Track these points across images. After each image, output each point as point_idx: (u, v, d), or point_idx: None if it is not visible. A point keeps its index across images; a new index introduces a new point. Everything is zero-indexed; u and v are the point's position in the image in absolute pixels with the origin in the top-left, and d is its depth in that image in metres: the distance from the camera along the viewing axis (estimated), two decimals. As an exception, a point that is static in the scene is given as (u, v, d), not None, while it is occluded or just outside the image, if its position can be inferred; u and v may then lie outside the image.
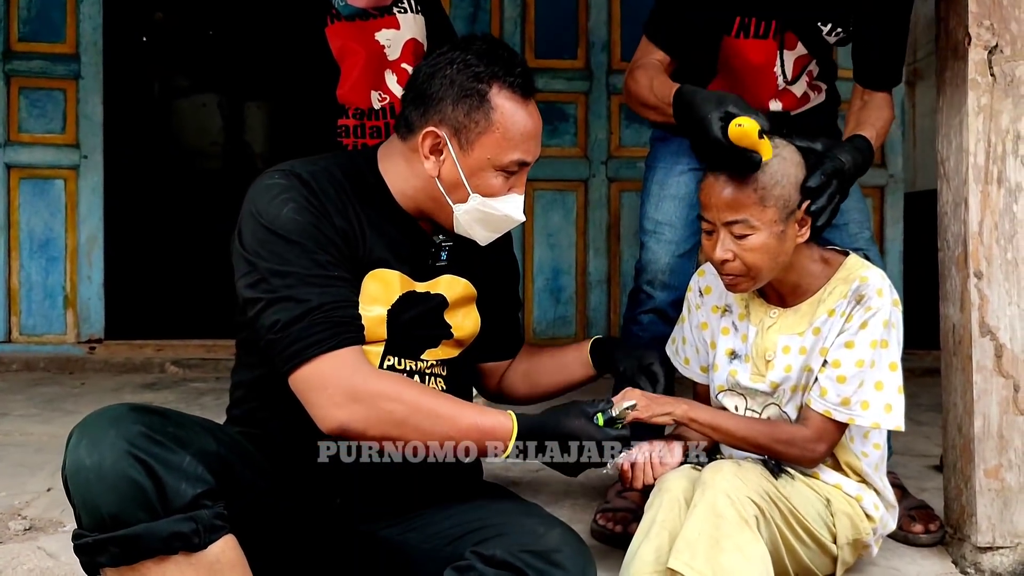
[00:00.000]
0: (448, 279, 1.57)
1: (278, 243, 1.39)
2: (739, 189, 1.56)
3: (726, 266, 1.60)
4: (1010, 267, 1.81)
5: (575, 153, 4.54)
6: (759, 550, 1.46)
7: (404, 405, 1.35)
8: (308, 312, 1.36)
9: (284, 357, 1.37)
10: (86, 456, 1.24)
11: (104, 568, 1.26)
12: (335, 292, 1.39)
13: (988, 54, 1.81)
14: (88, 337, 4.30)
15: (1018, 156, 1.82)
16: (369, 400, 1.35)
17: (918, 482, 2.44)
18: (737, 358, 1.74)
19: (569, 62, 4.54)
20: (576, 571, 1.35)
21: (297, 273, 1.38)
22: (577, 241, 4.53)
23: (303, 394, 1.38)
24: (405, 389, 1.38)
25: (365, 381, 1.36)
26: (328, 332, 1.36)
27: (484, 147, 1.47)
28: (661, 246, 2.14)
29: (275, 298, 1.38)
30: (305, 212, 1.42)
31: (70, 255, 4.30)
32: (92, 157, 4.30)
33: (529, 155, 1.50)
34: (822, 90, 2.19)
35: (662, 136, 2.25)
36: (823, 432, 1.62)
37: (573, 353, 1.75)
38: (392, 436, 1.36)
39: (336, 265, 1.42)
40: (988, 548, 1.80)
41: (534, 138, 1.51)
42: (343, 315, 1.39)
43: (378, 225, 1.50)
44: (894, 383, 1.61)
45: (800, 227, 1.62)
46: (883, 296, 1.62)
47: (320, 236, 1.41)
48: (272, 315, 1.38)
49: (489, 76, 1.47)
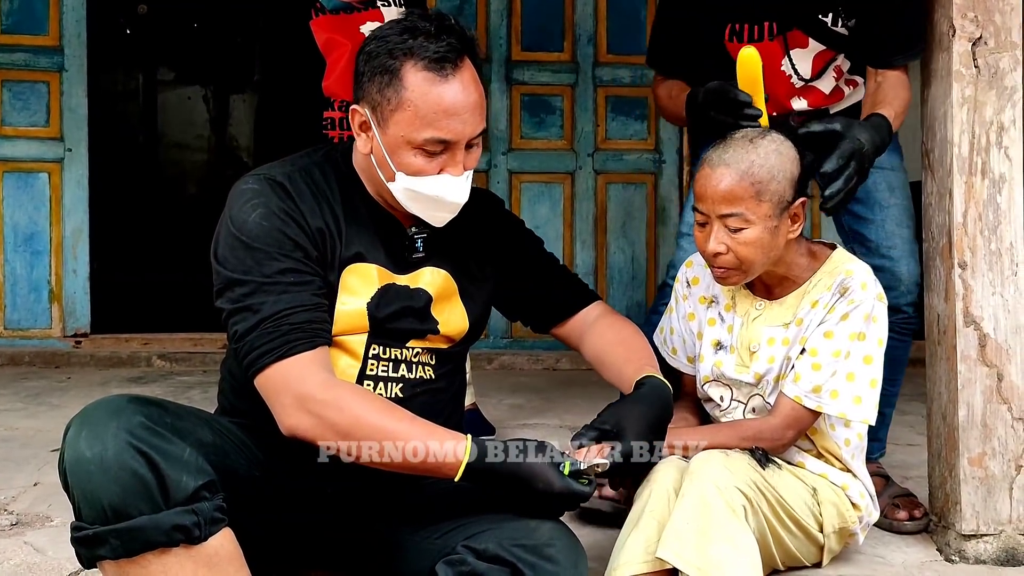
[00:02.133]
0: (430, 272, 1.56)
1: (241, 250, 1.41)
2: (736, 182, 1.57)
3: (719, 259, 1.61)
4: (994, 257, 1.83)
5: (561, 145, 4.54)
6: (747, 540, 1.47)
7: (348, 417, 1.35)
8: (260, 322, 1.38)
9: (244, 366, 1.40)
10: (87, 448, 1.23)
11: (103, 561, 1.26)
12: (290, 299, 1.39)
13: (972, 46, 1.82)
14: (74, 331, 4.28)
15: (1002, 147, 1.83)
16: (315, 410, 1.35)
17: (902, 471, 2.46)
18: (722, 349, 1.75)
19: (555, 55, 4.54)
20: (568, 564, 1.35)
21: (255, 281, 1.40)
22: (564, 233, 4.54)
23: (265, 400, 1.40)
24: (352, 402, 1.37)
25: (312, 390, 1.36)
26: (279, 340, 1.37)
27: (398, 124, 1.42)
28: (694, 247, 2.14)
29: (235, 308, 1.40)
30: (272, 217, 1.42)
31: (55, 249, 4.28)
32: (77, 150, 4.27)
33: (448, 133, 1.42)
34: (859, 84, 2.12)
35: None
36: (791, 419, 1.63)
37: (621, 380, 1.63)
38: (344, 448, 1.36)
39: (298, 271, 1.42)
40: (972, 536, 1.82)
41: (454, 116, 1.41)
42: (297, 320, 1.39)
43: (355, 220, 1.50)
44: (867, 376, 1.62)
45: (792, 223, 1.63)
46: (867, 290, 1.63)
47: (284, 241, 1.41)
48: (232, 325, 1.41)
49: (402, 52, 1.42)
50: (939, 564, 1.82)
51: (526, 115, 4.54)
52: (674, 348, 1.86)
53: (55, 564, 1.71)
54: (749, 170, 1.57)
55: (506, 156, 4.51)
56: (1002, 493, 1.83)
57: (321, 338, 1.41)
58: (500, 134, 4.51)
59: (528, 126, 4.54)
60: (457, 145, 1.44)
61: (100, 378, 3.80)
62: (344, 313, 1.47)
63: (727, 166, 1.58)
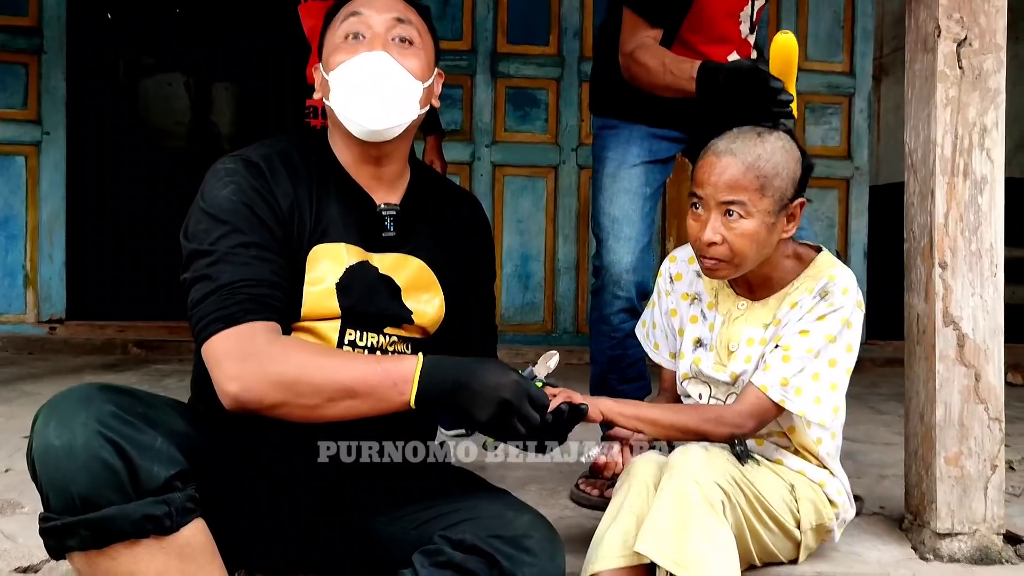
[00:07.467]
0: (400, 258, 1.53)
1: (209, 223, 1.40)
2: (742, 173, 1.56)
3: (712, 249, 1.60)
4: (974, 258, 1.84)
5: (546, 139, 4.54)
6: (725, 535, 1.47)
7: (293, 365, 1.31)
8: (216, 289, 1.35)
9: (194, 334, 1.37)
10: (55, 437, 1.21)
11: (72, 552, 1.23)
12: (252, 271, 1.37)
13: (957, 47, 1.83)
14: (49, 317, 4.23)
15: (984, 149, 1.84)
16: (257, 367, 1.30)
17: (878, 469, 2.48)
18: (702, 346, 1.74)
19: (541, 48, 4.53)
20: (545, 556, 1.35)
21: (218, 251, 1.38)
22: (546, 227, 4.54)
23: (209, 371, 1.35)
24: (295, 350, 1.34)
25: (256, 351, 1.32)
26: (233, 308, 1.34)
27: (327, 41, 1.52)
28: (621, 244, 2.14)
29: (195, 277, 1.38)
30: (242, 194, 1.41)
31: (31, 234, 4.23)
32: (54, 133, 4.22)
33: (359, 18, 1.49)
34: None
35: (611, 125, 2.23)
36: (755, 408, 1.61)
37: None
38: (291, 402, 1.31)
39: (263, 247, 1.40)
40: (947, 534, 1.84)
41: (365, 3, 1.50)
42: (252, 292, 1.36)
43: (327, 198, 1.50)
44: (829, 378, 1.61)
45: (788, 222, 1.63)
46: (847, 295, 1.63)
47: (253, 218, 1.40)
48: (191, 294, 1.38)
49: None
50: (913, 562, 1.83)
51: (511, 108, 4.53)
52: (656, 343, 1.85)
53: (26, 551, 1.69)
54: (756, 163, 1.57)
55: (490, 148, 4.50)
56: (977, 492, 1.84)
57: (276, 314, 1.38)
58: (484, 126, 4.50)
59: (512, 119, 4.53)
60: (373, 29, 1.48)
61: (75, 365, 3.76)
62: (313, 295, 1.45)
63: (734, 156, 1.58)
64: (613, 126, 2.21)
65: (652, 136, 2.19)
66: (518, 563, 1.32)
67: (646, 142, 2.18)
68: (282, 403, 1.31)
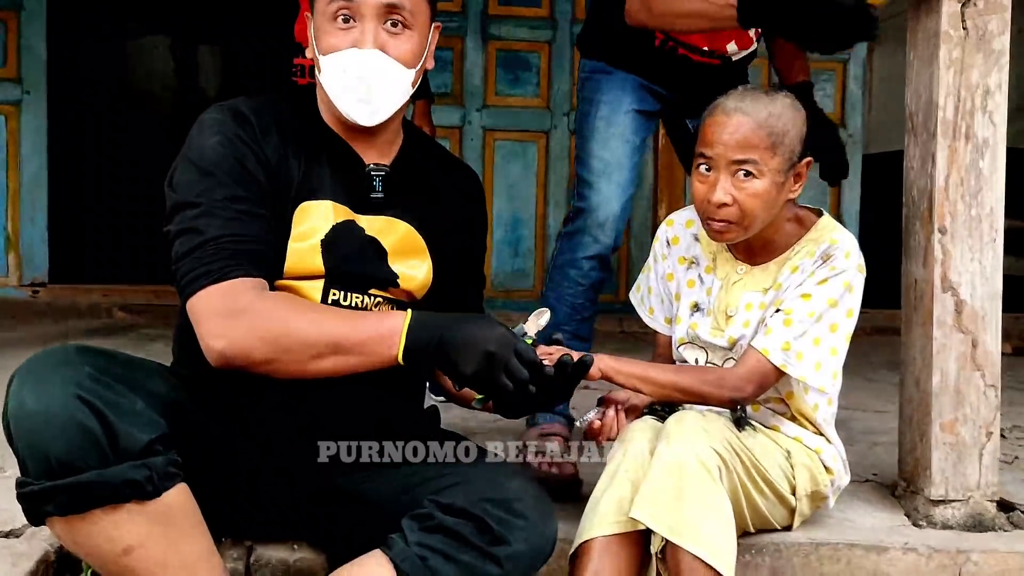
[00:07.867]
0: (388, 221, 1.50)
1: (195, 174, 1.36)
2: (753, 131, 1.54)
3: (722, 211, 1.57)
4: (974, 223, 1.81)
5: (537, 103, 4.48)
6: (722, 501, 1.45)
7: (280, 321, 1.29)
8: (203, 243, 1.32)
9: (179, 289, 1.34)
10: (31, 400, 1.18)
11: (51, 517, 1.21)
12: (238, 225, 1.34)
13: (962, 7, 1.79)
14: (31, 280, 4.18)
15: (987, 112, 1.81)
16: (245, 323, 1.28)
17: (871, 436, 2.47)
18: (699, 311, 1.72)
19: (533, 10, 4.46)
20: (536, 519, 1.33)
21: (203, 204, 1.34)
22: (537, 193, 4.49)
23: (194, 326, 1.32)
24: (283, 306, 1.32)
25: (243, 307, 1.29)
26: (220, 263, 1.31)
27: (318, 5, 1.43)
28: (612, 188, 2.08)
29: (180, 230, 1.34)
30: (229, 145, 1.38)
31: (11, 196, 4.16)
32: (35, 93, 4.14)
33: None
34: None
35: (605, 69, 2.17)
36: (756, 372, 1.59)
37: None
38: (279, 359, 1.28)
39: (251, 200, 1.36)
40: (941, 501, 1.83)
41: None
42: (240, 248, 1.33)
43: (315, 155, 1.46)
44: (830, 343, 1.60)
45: (795, 182, 1.61)
46: (849, 258, 1.61)
47: (239, 170, 1.37)
48: (175, 247, 1.35)
49: None
50: (907, 528, 1.82)
51: (501, 71, 4.46)
52: (651, 308, 1.83)
53: (8, 515, 1.66)
54: (767, 120, 1.54)
55: (480, 113, 4.44)
56: (972, 459, 1.83)
57: (262, 270, 1.35)
58: (475, 90, 4.44)
59: (503, 83, 4.47)
60: (364, 16, 1.40)
61: (58, 329, 3.71)
62: (298, 251, 1.41)
63: (745, 114, 1.55)
64: (608, 71, 2.16)
65: (642, 87, 2.15)
66: (509, 526, 1.31)
67: (638, 92, 2.14)
68: (270, 359, 1.29)
